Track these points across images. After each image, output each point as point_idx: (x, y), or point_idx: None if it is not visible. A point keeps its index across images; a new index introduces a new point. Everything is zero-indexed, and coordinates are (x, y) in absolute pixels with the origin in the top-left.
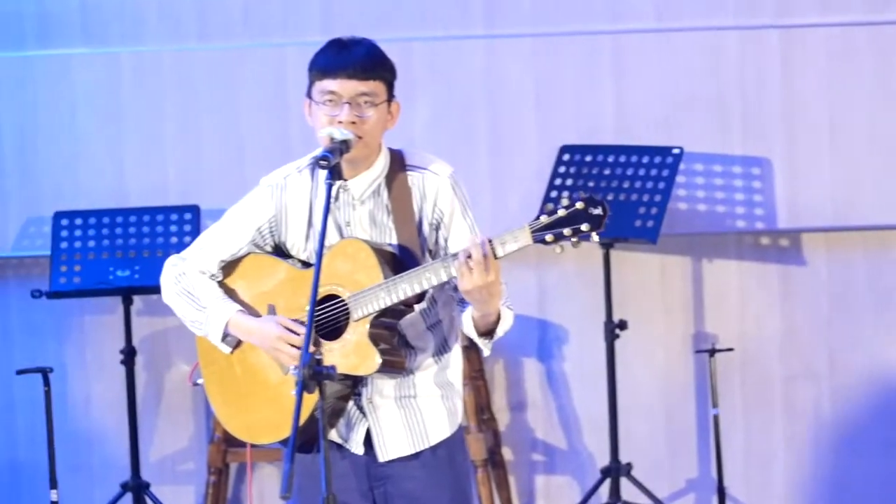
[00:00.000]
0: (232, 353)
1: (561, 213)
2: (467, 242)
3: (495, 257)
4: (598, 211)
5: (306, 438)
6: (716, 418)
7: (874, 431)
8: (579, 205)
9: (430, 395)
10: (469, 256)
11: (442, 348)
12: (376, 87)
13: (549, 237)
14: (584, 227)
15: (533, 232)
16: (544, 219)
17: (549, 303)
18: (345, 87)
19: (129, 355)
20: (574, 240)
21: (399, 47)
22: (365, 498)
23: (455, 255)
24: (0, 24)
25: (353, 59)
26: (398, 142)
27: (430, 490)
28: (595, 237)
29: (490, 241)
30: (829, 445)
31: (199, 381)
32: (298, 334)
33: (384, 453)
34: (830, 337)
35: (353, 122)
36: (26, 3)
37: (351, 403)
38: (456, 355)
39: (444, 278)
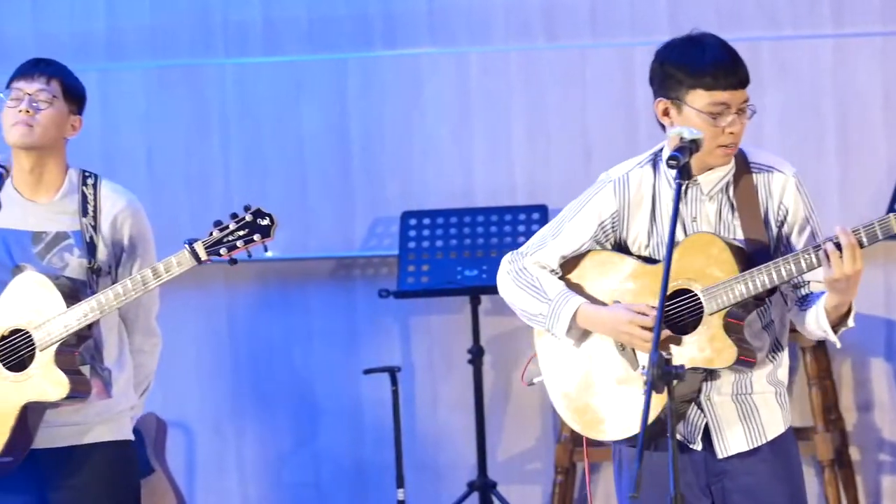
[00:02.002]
0: (576, 347)
1: None
2: (813, 240)
3: (861, 246)
4: None
5: (650, 437)
6: None
7: None
8: None
9: (765, 391)
10: (837, 245)
11: (775, 347)
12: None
13: None
14: None
15: None
16: None
17: None
18: (735, 97)
19: (476, 355)
20: None
21: (747, 46)
22: (703, 493)
23: (818, 246)
24: (348, 26)
25: (741, 68)
26: (747, 142)
27: (768, 485)
28: None
29: (857, 230)
30: None
31: (536, 380)
32: (649, 315)
33: (723, 450)
34: None
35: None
36: (373, 4)
37: None
38: (786, 356)
39: (805, 269)
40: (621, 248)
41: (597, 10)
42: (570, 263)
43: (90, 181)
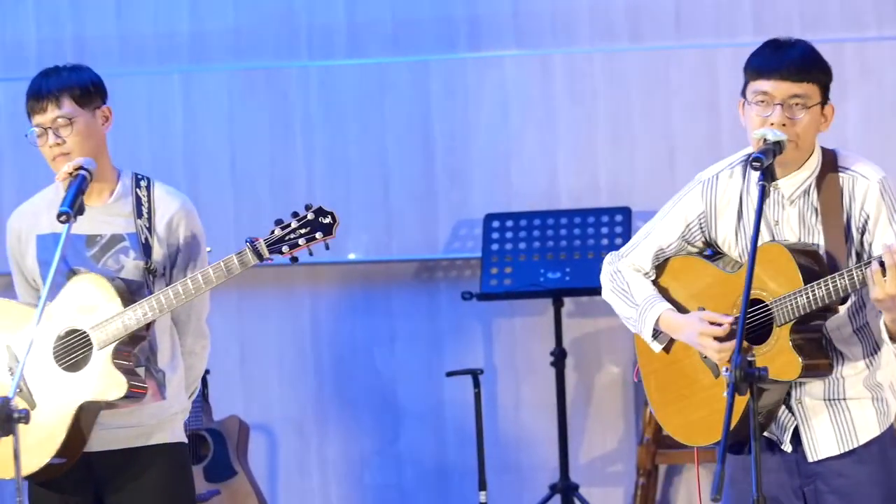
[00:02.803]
0: (666, 352)
1: None
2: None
3: None
4: None
5: (739, 439)
6: None
7: None
8: None
9: (860, 396)
10: (881, 265)
11: (872, 351)
12: (809, 89)
13: None
14: None
15: None
16: None
17: None
18: (778, 88)
19: (559, 357)
20: None
21: (831, 48)
22: (796, 495)
23: (868, 262)
24: (432, 28)
25: (788, 60)
26: (830, 143)
27: (862, 487)
28: None
29: None
30: None
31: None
32: (721, 325)
33: (813, 453)
34: None
35: (784, 124)
36: (458, 6)
37: None
38: (887, 357)
39: (857, 285)
40: (712, 248)
41: (681, 12)
42: (660, 267)
43: (143, 184)
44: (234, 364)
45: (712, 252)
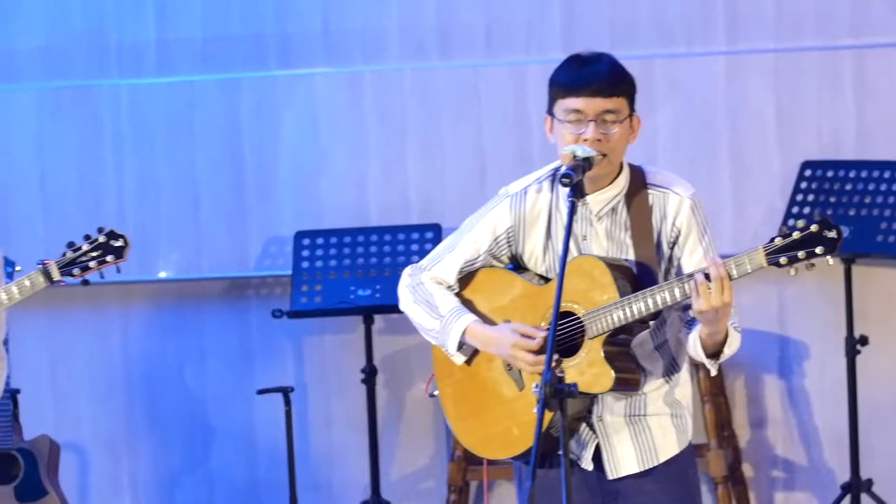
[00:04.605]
0: (467, 364)
1: (795, 235)
2: (702, 263)
3: (730, 278)
4: (832, 234)
5: (542, 454)
6: None
7: None
8: (814, 228)
9: (660, 413)
10: (706, 277)
11: (671, 368)
12: (620, 103)
13: (783, 260)
14: (819, 250)
15: (768, 254)
16: (779, 241)
17: (790, 318)
18: (590, 104)
19: (370, 374)
20: (809, 262)
21: (640, 64)
22: None
23: (691, 276)
24: (243, 45)
25: (598, 75)
26: (640, 159)
27: None
28: (830, 261)
29: (725, 263)
30: None
31: (436, 392)
32: (534, 338)
33: (613, 471)
34: None
35: (599, 140)
36: (268, 24)
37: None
38: (684, 376)
39: (679, 298)
40: (518, 263)
41: (491, 29)
42: (465, 281)
43: None
44: (45, 383)
45: (513, 266)
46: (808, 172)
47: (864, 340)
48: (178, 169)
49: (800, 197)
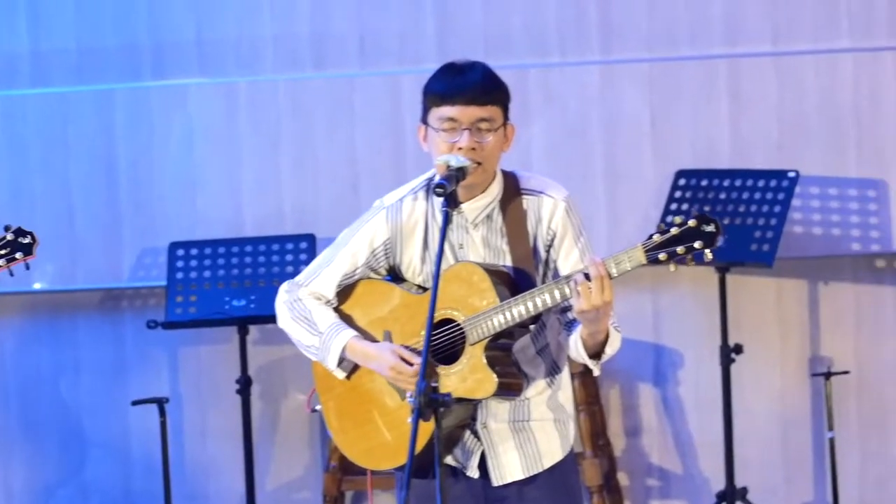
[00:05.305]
0: (348, 378)
1: (674, 231)
2: (578, 265)
3: (610, 277)
4: (710, 228)
5: (423, 464)
6: (831, 442)
7: None
8: (692, 222)
9: (544, 418)
10: (586, 277)
11: (552, 371)
12: (494, 111)
13: (662, 256)
14: (698, 244)
15: (647, 251)
16: (657, 237)
17: (664, 327)
18: (464, 112)
19: (244, 385)
20: (688, 257)
21: (515, 73)
22: None
23: (569, 277)
24: (117, 56)
25: (472, 84)
26: (515, 167)
27: None
28: (709, 255)
29: (605, 262)
30: None
31: (318, 407)
32: (412, 364)
33: (498, 477)
34: None
35: (473, 149)
36: (142, 35)
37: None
38: (566, 379)
39: (559, 300)
40: (396, 274)
41: (365, 39)
42: (343, 294)
43: None
44: None
45: (391, 277)
46: (682, 181)
47: (738, 349)
48: (53, 180)
49: (674, 206)
